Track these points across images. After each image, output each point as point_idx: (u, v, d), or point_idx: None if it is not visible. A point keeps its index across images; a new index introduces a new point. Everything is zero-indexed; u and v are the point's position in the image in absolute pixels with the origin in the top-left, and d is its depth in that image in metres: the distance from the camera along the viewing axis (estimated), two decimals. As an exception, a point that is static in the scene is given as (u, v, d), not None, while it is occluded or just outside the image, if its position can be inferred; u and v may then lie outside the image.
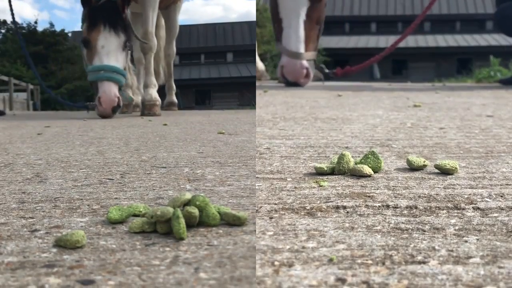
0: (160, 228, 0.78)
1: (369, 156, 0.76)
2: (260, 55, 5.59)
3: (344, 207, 0.57)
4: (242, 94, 22.29)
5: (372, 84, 4.01)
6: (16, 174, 1.37)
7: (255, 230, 0.81)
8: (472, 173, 0.73)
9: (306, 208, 0.57)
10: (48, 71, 20.38)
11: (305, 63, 3.67)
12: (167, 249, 0.71)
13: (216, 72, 23.35)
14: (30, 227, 0.82)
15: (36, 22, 28.20)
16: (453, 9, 22.43)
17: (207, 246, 0.72)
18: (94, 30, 4.80)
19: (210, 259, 0.66)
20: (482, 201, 0.60)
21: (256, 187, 0.65)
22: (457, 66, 21.01)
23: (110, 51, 4.82)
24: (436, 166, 0.75)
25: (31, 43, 21.01)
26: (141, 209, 0.90)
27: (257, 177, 0.69)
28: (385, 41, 22.10)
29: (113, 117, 4.65)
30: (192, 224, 0.81)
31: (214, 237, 0.77)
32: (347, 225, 0.52)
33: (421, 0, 23.78)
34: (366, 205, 0.58)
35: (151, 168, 1.47)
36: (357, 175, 0.71)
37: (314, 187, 0.65)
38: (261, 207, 0.57)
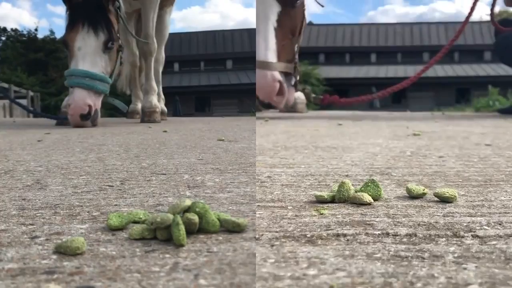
0: (160, 235, 0.79)
1: (369, 184, 0.77)
2: None
3: (344, 235, 0.58)
4: (241, 101, 22.33)
5: (372, 113, 3.79)
6: (16, 181, 1.37)
7: (254, 237, 0.81)
8: (471, 201, 0.74)
9: (307, 236, 0.58)
10: (49, 78, 20.43)
11: (277, 75, 3.02)
12: (167, 255, 0.71)
13: (215, 79, 23.40)
14: (30, 233, 0.83)
15: (36, 30, 28.33)
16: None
17: (206, 252, 0.72)
18: (73, 30, 4.35)
19: (209, 265, 0.66)
20: (481, 229, 0.61)
21: (257, 215, 0.65)
22: (456, 95, 21.36)
23: (87, 53, 4.34)
24: (436, 194, 0.76)
25: (31, 50, 21.07)
26: (141, 216, 0.90)
27: (258, 205, 0.70)
28: (385, 71, 22.54)
29: (87, 126, 4.18)
30: (192, 230, 0.81)
31: (214, 243, 0.77)
32: (347, 252, 0.53)
33: (420, 32, 24.26)
34: (366, 233, 0.59)
35: (151, 174, 1.47)
36: (357, 203, 0.72)
37: (314, 215, 0.66)
38: (262, 235, 0.58)
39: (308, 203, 0.72)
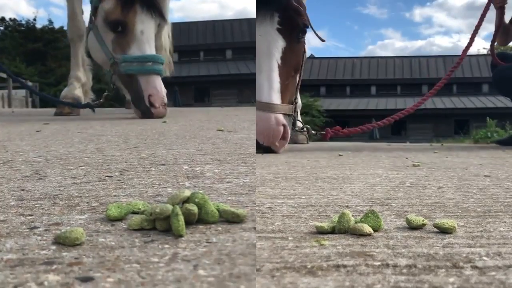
0: (159, 225, 0.79)
1: (369, 215, 0.77)
2: None
3: (345, 266, 0.58)
4: (241, 91, 22.30)
5: (372, 144, 3.68)
6: (15, 172, 1.37)
7: (254, 228, 0.81)
8: (470, 232, 0.75)
9: (307, 267, 0.58)
10: (47, 68, 20.38)
11: (281, 118, 2.52)
12: (166, 246, 0.71)
13: (215, 69, 23.35)
14: (29, 224, 0.82)
15: (35, 19, 28.19)
16: None
17: (206, 243, 0.72)
18: (130, 11, 3.87)
19: (209, 256, 0.66)
20: (480, 260, 0.61)
21: (258, 246, 0.65)
22: (454, 127, 21.64)
23: (150, 37, 3.98)
24: (435, 225, 0.76)
25: (30, 40, 20.99)
26: (140, 206, 0.90)
27: (259, 236, 0.70)
28: (384, 103, 22.96)
29: (165, 115, 3.87)
30: (191, 221, 0.81)
31: (213, 234, 0.77)
32: (347, 283, 0.53)
33: (419, 65, 24.62)
34: (366, 264, 0.59)
35: (150, 165, 1.47)
36: (357, 234, 0.73)
37: (315, 246, 0.66)
38: (263, 265, 0.58)
39: (309, 233, 0.73)
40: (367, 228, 0.72)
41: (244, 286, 0.56)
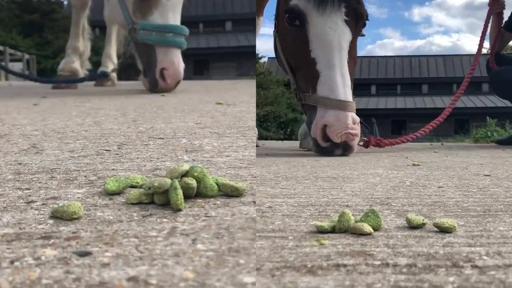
0: (157, 199, 0.78)
1: (369, 214, 0.76)
2: (263, 116, 3.74)
3: (345, 265, 0.58)
4: (240, 64, 22.16)
5: None
6: (12, 145, 1.36)
7: (253, 201, 0.80)
8: (470, 232, 0.74)
9: (307, 266, 0.58)
10: (44, 40, 20.18)
11: (356, 116, 2.31)
12: (165, 220, 0.70)
13: (214, 41, 23.15)
14: (26, 198, 0.82)
15: (31, -10, 27.72)
16: (450, 73, 23.53)
17: (204, 217, 0.72)
18: None
19: (208, 230, 0.66)
20: (480, 259, 0.61)
21: (258, 246, 0.65)
22: (454, 126, 21.58)
23: (176, 5, 3.53)
24: (435, 225, 0.75)
25: (26, 12, 20.75)
26: (138, 180, 0.89)
27: (259, 236, 0.70)
28: (384, 103, 22.90)
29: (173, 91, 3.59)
30: (190, 195, 0.80)
31: (212, 208, 0.76)
32: (347, 283, 0.53)
33: (419, 64, 24.48)
34: (366, 263, 0.59)
35: (148, 139, 1.46)
36: (357, 233, 0.72)
37: (315, 245, 0.66)
38: (263, 265, 0.57)
39: (309, 233, 0.73)
40: (367, 228, 0.72)
41: (243, 260, 0.56)
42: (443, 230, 0.74)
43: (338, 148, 2.19)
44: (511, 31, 3.40)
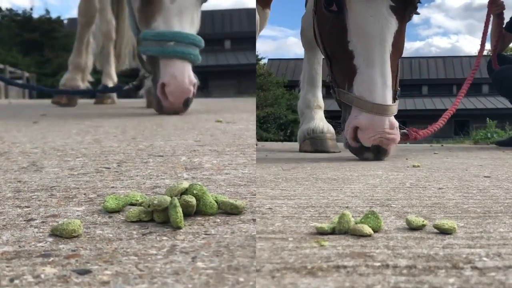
0: (157, 217, 0.78)
1: (369, 215, 0.76)
2: (263, 117, 3.27)
3: (345, 267, 0.58)
4: (240, 82, 22.27)
5: None
6: (12, 163, 1.36)
7: (253, 219, 0.80)
8: (470, 233, 0.74)
9: (307, 267, 0.58)
10: (44, 59, 20.29)
11: (394, 121, 2.03)
12: (164, 238, 0.70)
13: (213, 59, 23.30)
14: (26, 216, 0.82)
15: (31, 9, 28.04)
16: (450, 74, 23.74)
17: (204, 235, 0.72)
18: None
19: (207, 248, 0.66)
20: (480, 260, 0.61)
21: (258, 247, 0.65)
22: (454, 127, 21.68)
23: (184, 8, 3.01)
24: (435, 226, 0.75)
25: (26, 30, 20.89)
26: (138, 198, 0.89)
27: (259, 237, 0.70)
28: None
29: (184, 112, 3.08)
30: (190, 213, 0.80)
31: (212, 226, 0.76)
32: (347, 284, 0.53)
33: (419, 66, 24.73)
34: (366, 264, 0.59)
35: (148, 156, 1.46)
36: (357, 234, 0.72)
37: (315, 247, 0.66)
38: (263, 266, 0.58)
39: (309, 234, 0.73)
40: (367, 229, 0.72)
41: (242, 278, 0.56)
42: (443, 231, 0.74)
43: (369, 152, 1.98)
44: (511, 32, 3.42)
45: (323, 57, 2.48)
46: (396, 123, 2.05)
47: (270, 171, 1.50)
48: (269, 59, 24.12)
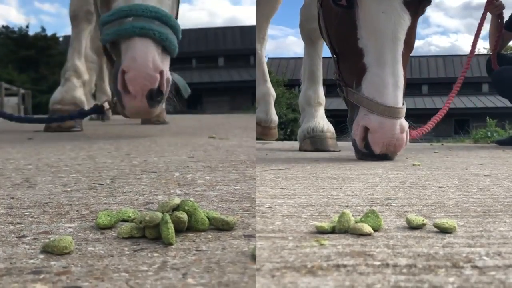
0: (148, 233, 0.78)
1: (369, 214, 0.77)
2: None
3: (345, 266, 0.59)
4: (233, 98, 22.34)
5: None
6: (5, 179, 1.36)
7: (243, 235, 0.81)
8: (470, 232, 0.75)
9: (307, 266, 0.58)
10: (40, 76, 20.30)
11: (405, 123, 1.93)
12: (156, 254, 0.71)
13: (207, 76, 23.41)
14: (18, 233, 0.82)
15: (27, 26, 28.15)
16: (450, 73, 23.89)
17: (195, 251, 0.72)
18: None
19: (198, 264, 0.66)
20: (480, 259, 0.62)
21: (258, 246, 0.65)
22: (454, 126, 21.81)
23: None
24: (435, 225, 0.76)
25: (22, 48, 20.93)
26: (130, 214, 0.90)
27: (259, 236, 0.70)
28: None
29: (153, 116, 2.52)
30: (181, 229, 0.81)
31: (203, 242, 0.77)
32: (347, 283, 0.53)
33: (419, 65, 25.06)
34: (366, 263, 0.60)
35: (141, 172, 1.47)
36: (357, 233, 0.72)
37: (315, 246, 0.67)
38: (263, 265, 0.58)
39: (309, 233, 0.73)
40: (367, 228, 0.72)
41: (233, 294, 0.56)
42: (443, 230, 0.74)
43: (376, 157, 1.92)
44: (511, 31, 3.44)
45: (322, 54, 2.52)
46: (406, 125, 1.95)
47: (270, 170, 1.50)
48: (269, 58, 24.19)
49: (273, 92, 3.21)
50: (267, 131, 3.05)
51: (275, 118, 3.11)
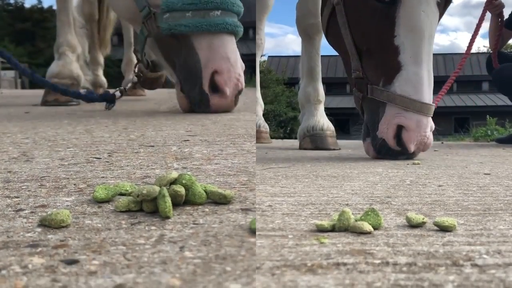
0: (146, 207, 0.78)
1: (369, 213, 0.77)
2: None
3: (345, 264, 0.59)
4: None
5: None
6: (2, 153, 1.35)
7: (241, 209, 0.81)
8: (470, 230, 0.75)
9: (307, 265, 0.58)
10: (36, 49, 20.13)
11: (432, 123, 1.95)
12: (153, 228, 0.71)
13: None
14: (15, 206, 0.82)
15: (23, -1, 27.76)
16: (450, 71, 23.65)
17: (192, 224, 0.72)
18: None
19: (195, 237, 0.66)
20: (480, 258, 0.62)
21: (258, 244, 0.65)
22: (454, 125, 21.67)
23: None
24: (435, 223, 0.76)
25: (18, 20, 20.71)
26: (127, 188, 0.90)
27: (259, 234, 0.70)
28: None
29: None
30: (178, 202, 0.81)
31: (200, 215, 0.77)
32: (347, 281, 0.53)
33: None
34: (366, 262, 0.59)
35: (139, 146, 1.46)
36: (357, 232, 0.72)
37: (315, 244, 0.66)
38: (263, 264, 0.58)
39: (309, 232, 0.73)
40: (367, 226, 0.73)
41: (229, 267, 0.56)
42: (443, 229, 0.75)
43: (403, 154, 1.89)
44: (511, 29, 3.42)
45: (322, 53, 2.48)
46: (433, 126, 1.95)
47: (270, 168, 1.50)
48: (269, 56, 24.06)
49: (261, 102, 3.31)
50: (258, 135, 3.11)
51: (263, 123, 3.22)
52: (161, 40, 2.28)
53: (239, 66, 2.25)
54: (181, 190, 0.80)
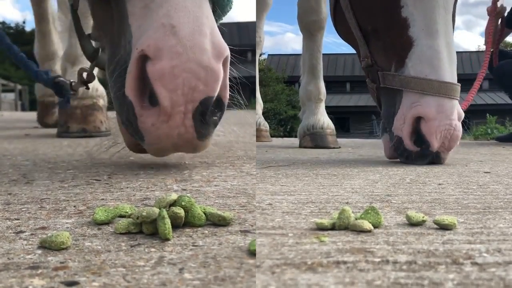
0: (145, 229, 0.79)
1: (369, 211, 0.77)
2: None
3: (345, 262, 0.59)
4: (232, 96, 22.31)
5: (372, 141, 3.42)
6: (3, 175, 1.36)
7: (240, 230, 0.81)
8: (470, 229, 0.75)
9: (307, 263, 0.59)
10: (37, 71, 20.24)
11: (461, 111, 1.60)
12: (152, 249, 0.71)
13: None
14: (15, 228, 0.82)
15: (24, 22, 28.01)
16: None
17: (192, 246, 0.73)
18: None
19: (195, 259, 0.67)
20: (480, 256, 0.62)
21: (258, 243, 0.66)
22: None
23: None
24: (435, 222, 0.76)
25: (19, 43, 20.88)
26: (127, 210, 0.90)
27: (259, 233, 0.71)
28: None
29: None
30: (178, 224, 0.81)
31: (200, 237, 0.77)
32: (347, 280, 0.54)
33: None
34: (366, 260, 0.60)
35: (139, 168, 1.47)
36: (357, 230, 0.73)
37: (315, 242, 0.67)
38: (263, 262, 0.59)
39: (309, 230, 0.74)
40: (367, 225, 0.73)
41: (229, 289, 0.57)
42: (443, 227, 0.75)
43: (428, 157, 1.59)
44: (510, 28, 3.46)
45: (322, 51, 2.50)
46: (462, 114, 1.60)
47: (270, 166, 1.50)
48: (268, 55, 24.15)
49: (260, 101, 3.50)
50: (258, 133, 3.23)
51: (263, 122, 3.36)
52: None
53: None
54: (181, 212, 0.81)
